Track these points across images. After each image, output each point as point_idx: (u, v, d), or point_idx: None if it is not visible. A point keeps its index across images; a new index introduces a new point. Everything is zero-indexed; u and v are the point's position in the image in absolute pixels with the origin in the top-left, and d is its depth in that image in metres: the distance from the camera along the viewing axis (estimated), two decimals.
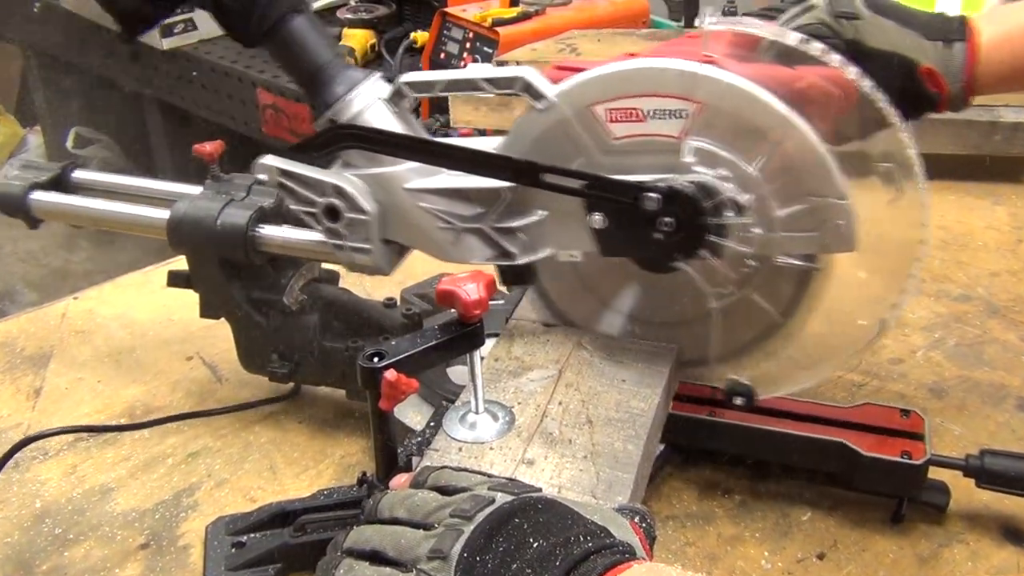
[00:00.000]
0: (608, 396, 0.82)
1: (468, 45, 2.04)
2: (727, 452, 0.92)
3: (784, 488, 0.92)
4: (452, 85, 0.83)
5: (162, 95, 2.75)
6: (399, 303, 1.05)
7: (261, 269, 0.95)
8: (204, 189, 0.99)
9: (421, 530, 0.58)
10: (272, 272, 0.97)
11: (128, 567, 0.85)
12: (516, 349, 0.88)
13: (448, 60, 2.08)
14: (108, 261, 3.20)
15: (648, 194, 0.78)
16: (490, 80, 0.81)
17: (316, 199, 0.87)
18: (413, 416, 0.92)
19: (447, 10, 2.10)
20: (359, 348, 0.92)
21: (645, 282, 0.88)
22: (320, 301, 0.99)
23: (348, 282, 1.09)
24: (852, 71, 0.75)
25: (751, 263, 0.81)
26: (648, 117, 0.78)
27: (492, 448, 0.75)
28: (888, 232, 0.81)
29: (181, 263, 0.99)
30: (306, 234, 0.92)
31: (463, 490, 0.61)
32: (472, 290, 0.74)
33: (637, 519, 0.62)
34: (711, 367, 0.90)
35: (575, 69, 0.80)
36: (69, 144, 3.39)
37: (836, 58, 0.75)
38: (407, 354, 0.72)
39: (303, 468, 0.97)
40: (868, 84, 0.75)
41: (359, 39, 2.38)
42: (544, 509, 0.57)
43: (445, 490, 0.62)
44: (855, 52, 0.81)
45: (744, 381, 0.87)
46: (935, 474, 0.86)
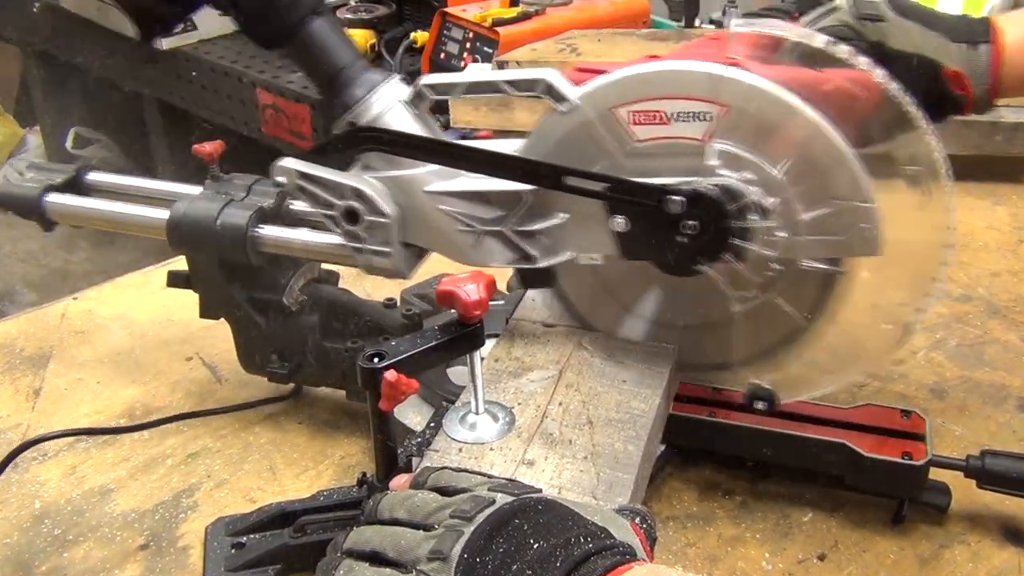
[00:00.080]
0: (608, 397, 0.81)
1: (468, 45, 2.04)
2: (728, 453, 0.92)
3: (785, 489, 0.92)
4: (473, 88, 0.83)
5: (162, 95, 2.74)
6: (399, 303, 1.05)
7: (261, 269, 0.95)
8: (204, 189, 0.99)
9: (421, 531, 0.58)
10: (272, 272, 0.97)
11: (128, 568, 0.85)
12: (516, 350, 0.88)
13: (448, 60, 2.08)
14: (108, 261, 3.19)
15: (672, 197, 0.78)
16: (512, 82, 0.81)
17: (335, 202, 0.86)
18: (413, 417, 0.92)
19: (447, 10, 2.10)
20: (359, 349, 0.92)
21: (666, 286, 0.87)
22: (320, 301, 0.99)
23: (348, 282, 1.09)
24: (879, 73, 0.75)
25: (775, 267, 0.80)
26: (672, 119, 0.77)
27: (492, 449, 0.75)
28: (913, 235, 0.80)
29: (181, 263, 0.99)
30: (312, 235, 0.92)
31: (463, 491, 0.61)
32: (472, 291, 0.74)
33: (638, 520, 0.62)
34: (733, 371, 0.89)
35: (597, 71, 0.79)
36: (68, 144, 3.39)
37: (863, 60, 0.75)
38: (407, 355, 0.72)
39: (303, 469, 0.96)
40: (895, 87, 0.75)
41: (359, 39, 2.38)
42: (544, 510, 0.57)
43: (445, 491, 0.62)
44: (879, 54, 0.80)
45: (766, 385, 0.87)
46: (936, 475, 0.86)
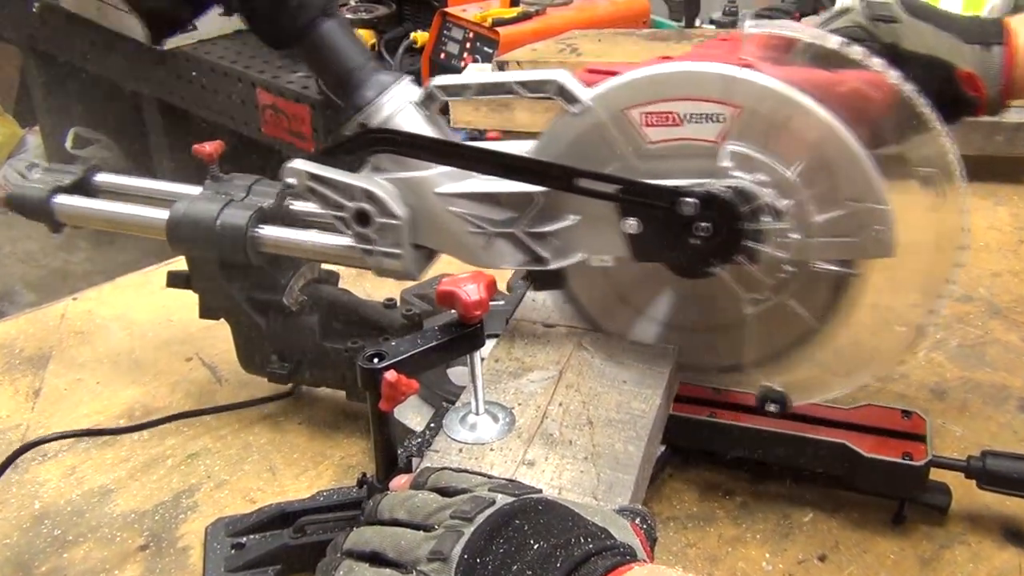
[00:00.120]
0: (609, 397, 0.81)
1: (468, 45, 2.03)
2: (728, 454, 0.92)
3: (785, 489, 0.92)
4: (484, 89, 0.83)
5: (161, 95, 2.74)
6: (399, 304, 1.05)
7: (261, 270, 0.95)
8: (204, 189, 0.98)
9: (421, 531, 0.58)
10: (272, 273, 0.97)
11: (127, 569, 0.84)
12: (516, 350, 0.88)
13: (448, 60, 2.08)
14: (107, 262, 3.19)
15: (685, 199, 0.77)
16: (523, 84, 0.80)
17: (346, 203, 0.86)
18: (413, 417, 0.92)
19: (447, 10, 2.09)
20: (359, 349, 0.92)
21: (678, 288, 0.87)
22: (320, 302, 0.99)
23: (348, 282, 1.09)
24: (894, 75, 0.74)
25: (788, 268, 0.79)
26: (684, 121, 0.77)
27: (492, 449, 0.75)
28: (926, 237, 0.79)
29: (180, 263, 0.99)
30: (315, 236, 0.91)
31: (463, 491, 0.61)
32: (472, 291, 0.73)
33: (638, 520, 0.62)
34: (745, 373, 0.89)
35: (609, 72, 0.79)
36: (68, 144, 3.38)
37: (877, 62, 0.74)
38: (407, 355, 0.72)
39: (303, 469, 0.96)
40: (910, 88, 0.74)
41: None
42: (545, 511, 0.57)
43: (445, 491, 0.62)
44: (892, 56, 0.80)
45: (777, 388, 0.86)
46: (936, 475, 0.86)
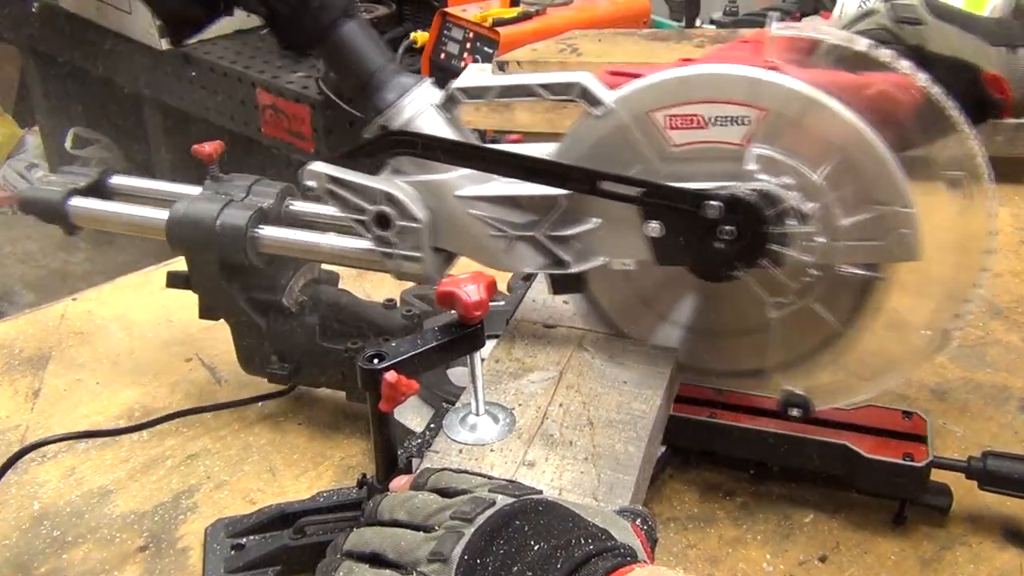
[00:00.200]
0: (609, 398, 0.81)
1: (468, 45, 2.03)
2: (729, 454, 0.92)
3: (786, 490, 0.92)
4: (506, 91, 0.82)
5: (161, 95, 2.74)
6: (399, 304, 1.04)
7: (260, 270, 0.95)
8: (203, 190, 0.98)
9: (421, 532, 0.58)
10: (271, 273, 0.97)
11: (127, 569, 0.84)
12: (517, 351, 0.88)
13: (448, 60, 2.08)
14: (107, 262, 3.19)
15: (709, 202, 0.77)
16: (546, 86, 0.80)
17: (366, 206, 0.86)
18: (413, 418, 0.92)
19: (447, 10, 2.09)
20: (359, 350, 0.92)
21: (701, 291, 0.87)
22: (320, 302, 0.99)
23: (348, 283, 1.08)
24: (922, 77, 0.74)
25: (813, 272, 0.79)
26: (709, 123, 0.76)
27: (492, 450, 0.75)
28: (952, 240, 0.79)
29: (180, 264, 0.99)
30: (333, 239, 0.92)
31: (463, 492, 0.61)
32: (472, 291, 0.73)
33: (638, 521, 0.61)
34: (768, 378, 0.88)
35: (632, 75, 0.79)
36: (68, 145, 3.38)
37: (906, 64, 0.74)
38: (407, 355, 0.72)
39: (303, 470, 0.96)
40: (938, 91, 0.74)
41: None
42: (545, 511, 0.57)
43: (445, 492, 0.62)
44: (917, 58, 0.79)
45: (799, 392, 0.86)
46: (937, 476, 0.85)
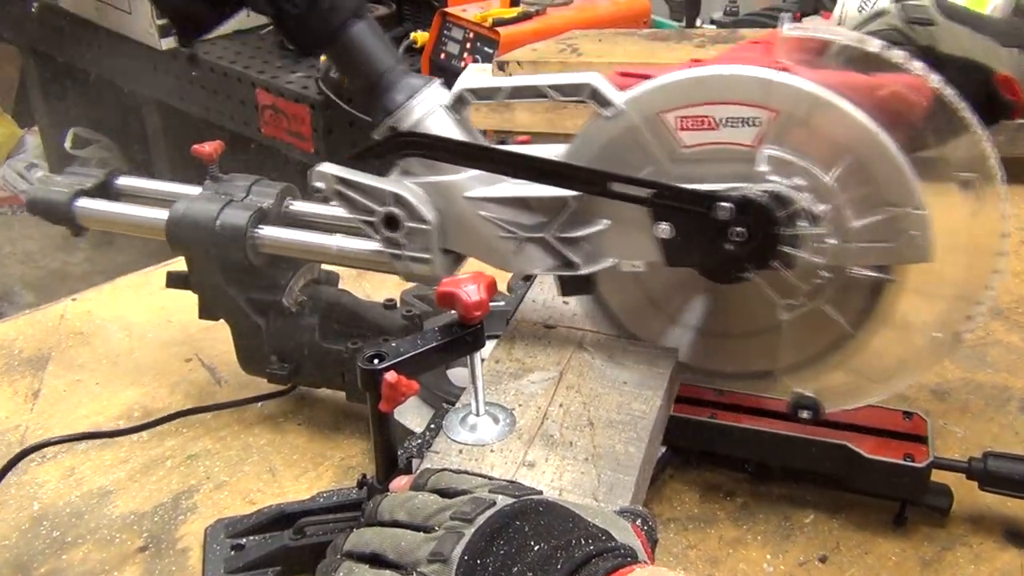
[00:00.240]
0: (609, 398, 0.81)
1: (468, 45, 2.03)
2: (729, 455, 0.92)
3: (786, 491, 0.92)
4: (516, 92, 0.82)
5: (161, 95, 2.74)
6: (399, 304, 1.04)
7: (260, 270, 0.95)
8: (203, 189, 0.98)
9: (421, 533, 0.58)
10: (271, 273, 0.97)
11: (127, 570, 0.84)
12: (517, 351, 0.88)
13: (448, 60, 2.08)
14: (106, 262, 3.19)
15: (720, 203, 0.77)
16: (556, 87, 0.80)
17: (375, 208, 0.85)
18: (413, 418, 0.91)
19: (447, 10, 2.09)
20: (359, 350, 0.92)
21: (711, 293, 0.86)
22: (320, 302, 0.99)
23: (348, 283, 1.08)
24: (934, 79, 0.73)
25: (824, 274, 0.79)
26: (720, 125, 0.76)
27: (493, 450, 0.75)
28: (964, 242, 0.78)
29: (180, 264, 0.99)
30: (340, 240, 0.91)
31: (464, 492, 0.61)
32: (472, 291, 0.73)
33: (639, 522, 0.61)
34: (778, 380, 0.88)
35: (642, 76, 0.78)
36: (67, 145, 3.39)
37: (918, 65, 0.73)
38: (407, 356, 0.72)
39: (303, 470, 0.96)
40: (951, 92, 0.74)
41: None
42: (545, 512, 0.57)
43: (446, 493, 0.62)
44: (928, 59, 0.78)
45: (809, 394, 0.86)
46: (938, 476, 0.85)
